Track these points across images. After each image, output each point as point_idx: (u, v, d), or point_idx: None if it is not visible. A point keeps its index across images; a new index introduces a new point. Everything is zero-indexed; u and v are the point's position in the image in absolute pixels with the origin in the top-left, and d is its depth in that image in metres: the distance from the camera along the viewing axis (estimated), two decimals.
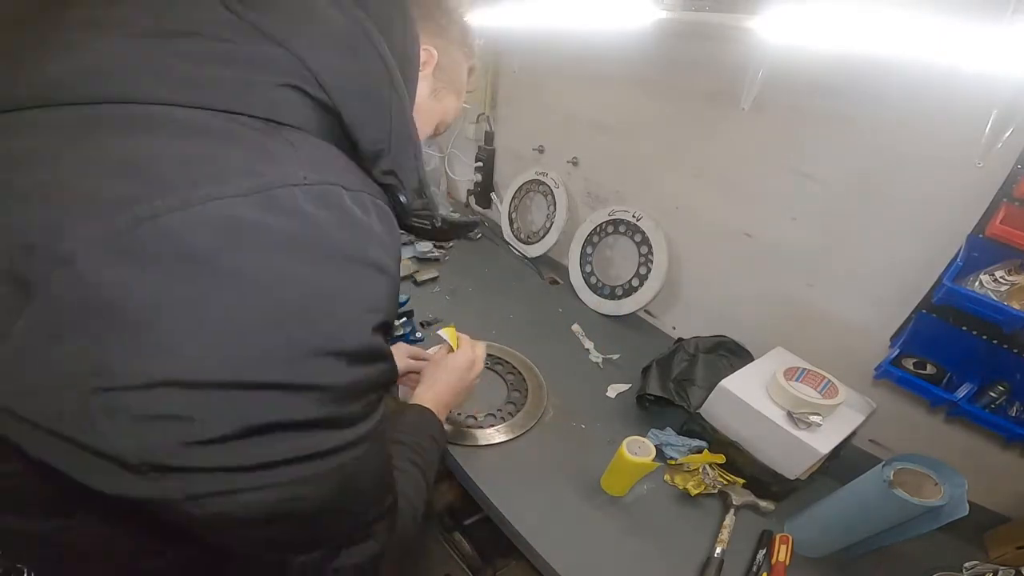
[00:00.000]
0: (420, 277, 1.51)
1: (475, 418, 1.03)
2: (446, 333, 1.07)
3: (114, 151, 0.28)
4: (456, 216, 0.56)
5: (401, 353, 0.97)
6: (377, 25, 0.40)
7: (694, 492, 0.90)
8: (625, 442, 0.87)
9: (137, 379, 0.27)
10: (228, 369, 0.28)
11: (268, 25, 0.34)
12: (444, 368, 0.83)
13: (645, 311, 1.48)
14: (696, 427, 1.02)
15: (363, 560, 0.43)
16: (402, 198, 0.46)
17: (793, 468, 0.88)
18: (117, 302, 0.26)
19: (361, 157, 0.42)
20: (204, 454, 0.28)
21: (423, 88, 0.52)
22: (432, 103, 0.55)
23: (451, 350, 0.88)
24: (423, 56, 0.49)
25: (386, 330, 0.36)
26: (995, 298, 0.78)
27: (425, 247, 1.64)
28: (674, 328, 1.44)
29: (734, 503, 0.90)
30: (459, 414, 1.03)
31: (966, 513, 0.69)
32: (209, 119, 0.31)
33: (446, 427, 0.79)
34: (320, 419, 0.32)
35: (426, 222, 0.51)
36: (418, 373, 0.89)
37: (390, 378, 0.38)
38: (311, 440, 0.32)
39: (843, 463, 0.97)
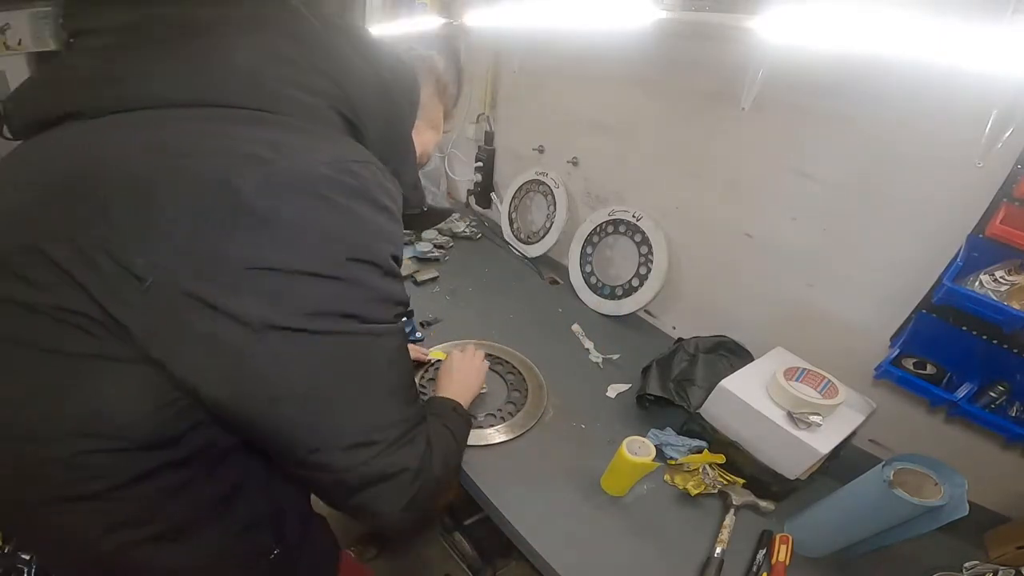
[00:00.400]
0: (420, 277, 1.51)
1: (475, 418, 1.02)
2: (436, 356, 1.12)
3: (259, 134, 0.46)
4: (439, 205, 0.79)
5: None
6: (393, 76, 0.60)
7: (694, 492, 0.90)
8: (625, 442, 0.87)
9: (267, 264, 0.42)
10: (314, 264, 0.44)
11: (330, 70, 0.53)
12: (445, 370, 0.97)
13: (645, 311, 1.48)
14: (696, 427, 1.02)
15: (401, 467, 0.53)
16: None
17: (793, 468, 0.88)
18: (262, 217, 0.42)
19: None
20: (296, 319, 0.44)
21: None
22: (414, 135, 0.70)
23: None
24: None
25: (396, 259, 0.52)
26: (995, 298, 0.78)
27: (425, 247, 1.64)
28: (674, 328, 1.44)
29: (734, 503, 0.90)
30: None
31: (966, 513, 0.69)
32: (300, 123, 0.50)
33: None
34: (363, 315, 0.48)
35: (416, 209, 0.69)
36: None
37: (405, 297, 0.55)
38: (357, 324, 0.48)
39: (843, 463, 0.97)
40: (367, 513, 0.54)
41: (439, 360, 1.13)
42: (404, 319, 1.01)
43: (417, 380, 1.11)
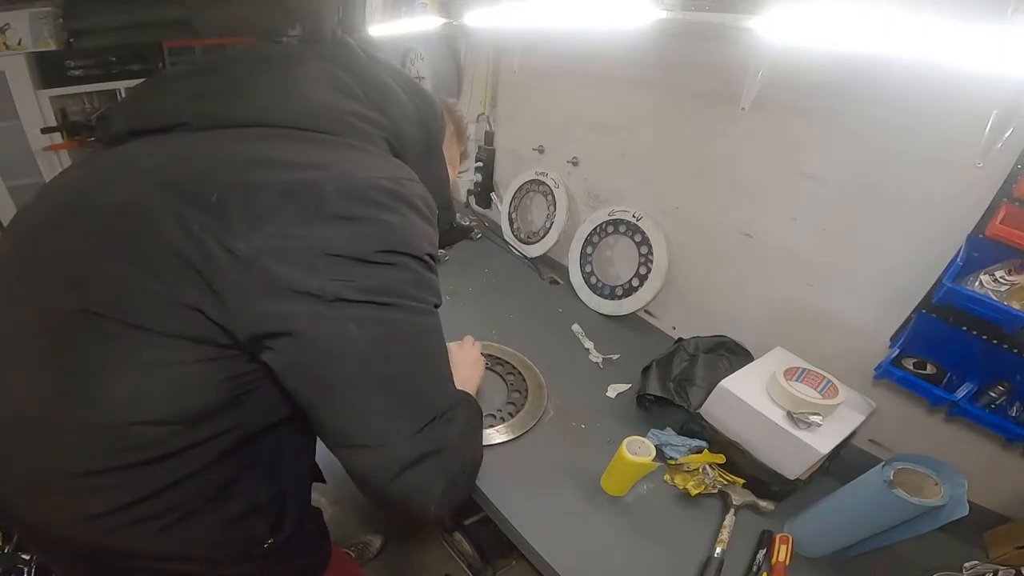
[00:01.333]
0: None
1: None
2: None
3: (338, 153, 0.60)
4: (465, 223, 0.97)
5: None
6: (428, 111, 0.75)
7: (694, 492, 0.90)
8: (625, 442, 0.87)
9: (341, 252, 0.53)
10: (374, 254, 0.54)
11: (382, 104, 0.67)
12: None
13: (645, 311, 1.48)
14: (696, 427, 1.02)
15: (443, 444, 0.59)
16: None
17: (793, 468, 0.88)
18: (339, 215, 0.53)
19: None
20: (359, 294, 0.53)
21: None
22: None
23: None
24: None
25: (433, 257, 0.62)
26: (995, 298, 0.78)
27: None
28: (674, 328, 1.44)
29: (734, 503, 0.90)
30: None
31: (966, 513, 0.69)
32: (363, 146, 0.63)
33: None
34: (412, 295, 0.58)
35: (446, 226, 0.77)
36: None
37: (439, 289, 0.63)
38: (407, 302, 0.57)
39: (843, 463, 0.97)
40: (410, 494, 0.57)
41: None
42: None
43: None
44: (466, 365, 0.97)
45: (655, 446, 0.89)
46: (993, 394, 0.86)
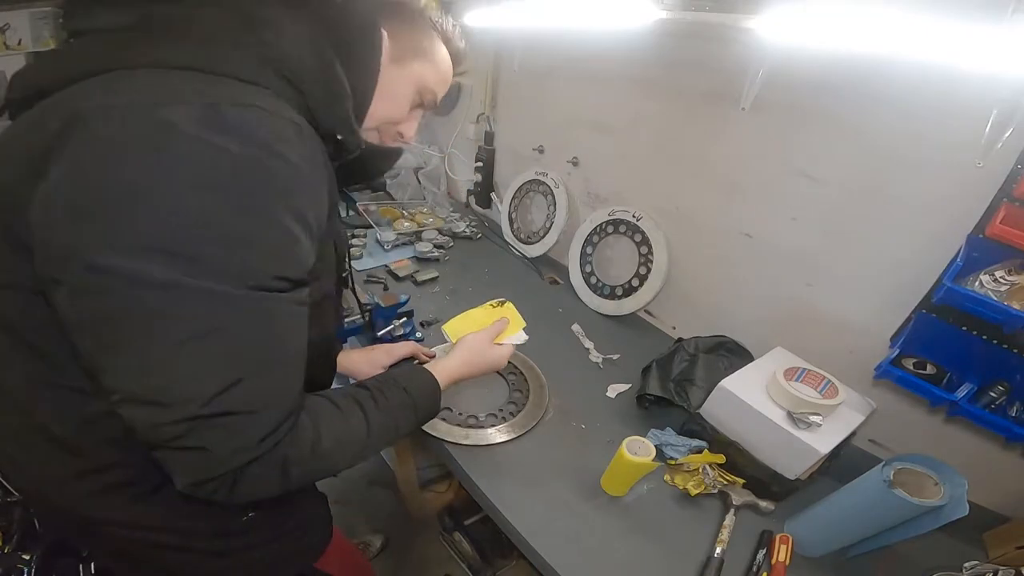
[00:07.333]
0: (420, 277, 1.51)
1: (476, 418, 1.02)
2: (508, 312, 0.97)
3: (189, 85, 0.47)
4: (377, 144, 0.70)
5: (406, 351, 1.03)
6: (326, 27, 0.56)
7: (694, 492, 0.90)
8: (625, 442, 0.87)
9: (126, 190, 0.43)
10: (169, 194, 0.43)
11: (272, 40, 0.53)
12: (462, 342, 0.87)
13: (645, 311, 1.48)
14: (696, 427, 1.02)
15: (200, 446, 0.46)
16: (339, 136, 0.60)
17: (793, 468, 0.88)
18: (120, 144, 0.43)
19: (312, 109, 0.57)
20: (118, 257, 0.42)
21: (384, 59, 0.63)
22: (397, 69, 0.65)
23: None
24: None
25: (300, 212, 0.49)
26: (995, 298, 0.78)
27: (425, 247, 1.64)
28: (674, 328, 1.44)
29: (734, 503, 0.90)
30: (460, 414, 1.03)
31: (966, 513, 0.69)
32: (222, 74, 0.50)
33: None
34: (210, 260, 0.44)
35: (354, 149, 0.63)
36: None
37: (294, 255, 0.49)
38: (192, 280, 0.44)
39: (843, 463, 0.97)
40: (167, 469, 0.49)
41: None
42: (403, 321, 1.00)
43: None
44: (464, 354, 0.85)
45: (655, 446, 0.88)
46: (993, 394, 0.86)
